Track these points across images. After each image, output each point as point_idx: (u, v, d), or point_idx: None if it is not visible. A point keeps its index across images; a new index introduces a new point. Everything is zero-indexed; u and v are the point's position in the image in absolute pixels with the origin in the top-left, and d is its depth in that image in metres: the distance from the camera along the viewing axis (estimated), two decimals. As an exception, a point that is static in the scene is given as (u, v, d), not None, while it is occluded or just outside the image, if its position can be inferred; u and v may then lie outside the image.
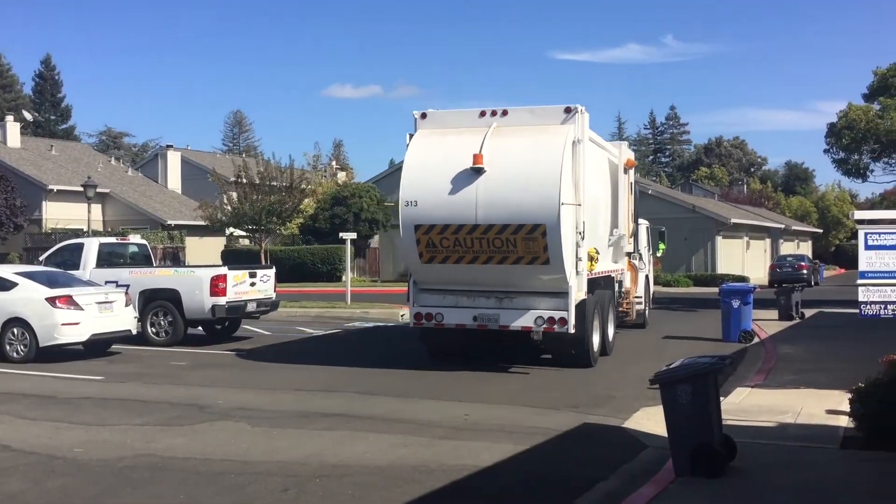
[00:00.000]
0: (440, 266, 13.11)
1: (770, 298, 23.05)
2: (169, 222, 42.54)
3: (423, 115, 13.81)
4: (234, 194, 35.76)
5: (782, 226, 58.57)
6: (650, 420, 9.24)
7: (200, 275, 16.96)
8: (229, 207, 35.53)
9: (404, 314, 23.99)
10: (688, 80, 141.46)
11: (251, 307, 17.57)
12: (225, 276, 16.82)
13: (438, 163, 13.10)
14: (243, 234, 41.36)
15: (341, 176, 59.05)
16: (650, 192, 42.15)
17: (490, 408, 10.52)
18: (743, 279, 37.31)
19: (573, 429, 9.31)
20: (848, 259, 61.98)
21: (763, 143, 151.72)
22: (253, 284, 17.58)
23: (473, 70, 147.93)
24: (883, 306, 9.71)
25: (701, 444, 6.98)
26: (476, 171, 12.66)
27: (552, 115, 13.25)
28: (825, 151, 31.39)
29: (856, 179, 32.02)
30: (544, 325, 12.89)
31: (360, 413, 10.19)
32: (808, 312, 22.74)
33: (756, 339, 17.39)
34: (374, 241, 45.46)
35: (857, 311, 9.91)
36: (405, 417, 9.91)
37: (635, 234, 18.26)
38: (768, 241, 55.35)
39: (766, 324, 20.07)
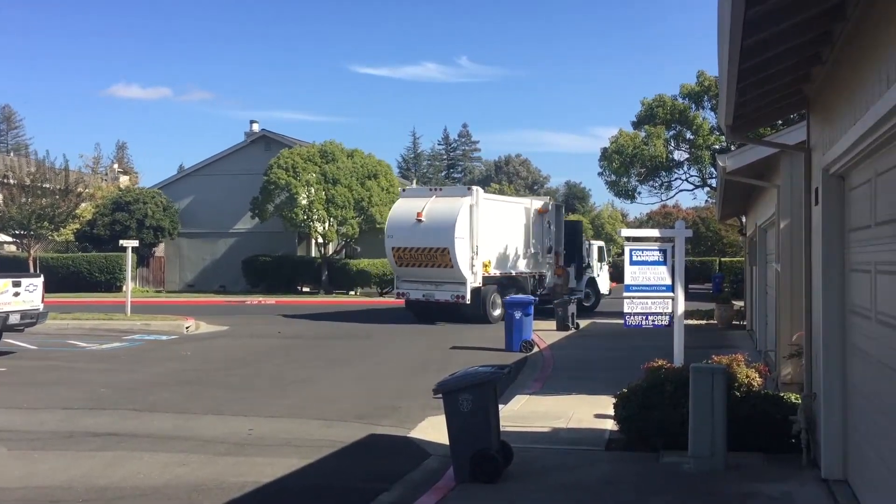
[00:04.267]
0: (405, 268, 25.02)
1: (549, 309, 24.43)
2: (-82, 225, 38.05)
3: (404, 190, 27.96)
4: (0, 196, 32.73)
5: (563, 242, 62.16)
6: (434, 429, 9.45)
7: (-46, 283, 15.37)
8: (-8, 210, 32.44)
9: (189, 325, 23.06)
10: (480, 101, 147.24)
11: (14, 319, 16.18)
12: (-17, 285, 15.33)
13: (404, 216, 24.91)
14: (9, 239, 37.95)
15: (124, 180, 55.87)
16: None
17: (277, 421, 10.31)
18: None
19: (359, 440, 9.34)
20: (619, 273, 66.71)
21: (546, 162, 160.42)
22: (17, 294, 16.21)
23: (271, 79, 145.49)
24: (645, 317, 10.59)
25: (480, 451, 7.25)
26: (419, 221, 24.32)
27: (460, 191, 25.90)
28: (599, 174, 33.59)
29: (626, 200, 34.51)
30: (455, 299, 24.22)
31: (135, 431, 9.63)
32: (583, 323, 24.34)
33: (536, 349, 18.33)
34: (160, 250, 43.25)
35: (623, 321, 10.76)
36: (185, 434, 9.48)
37: (578, 249, 30.00)
38: (550, 255, 58.60)
39: (545, 334, 21.21)
